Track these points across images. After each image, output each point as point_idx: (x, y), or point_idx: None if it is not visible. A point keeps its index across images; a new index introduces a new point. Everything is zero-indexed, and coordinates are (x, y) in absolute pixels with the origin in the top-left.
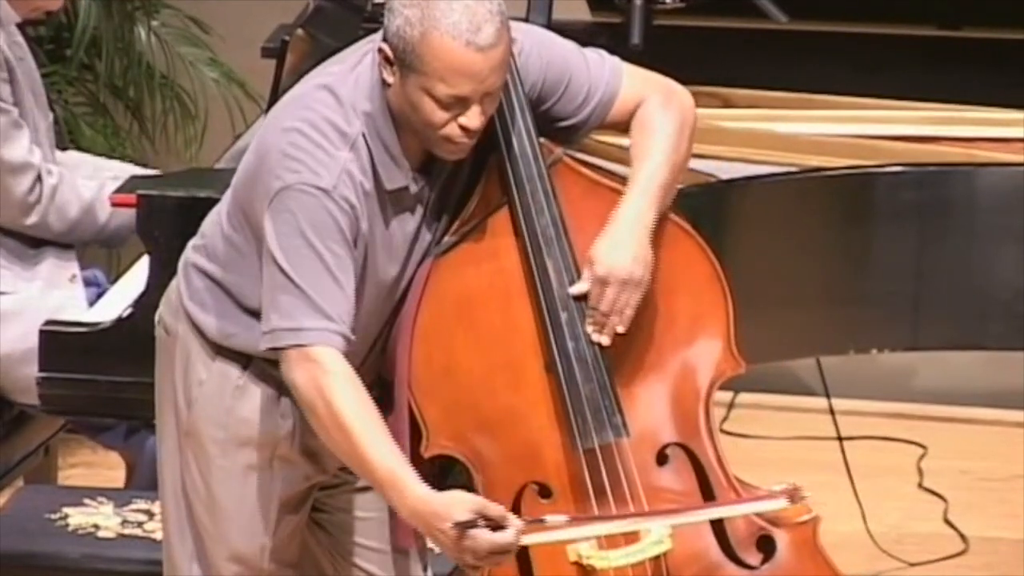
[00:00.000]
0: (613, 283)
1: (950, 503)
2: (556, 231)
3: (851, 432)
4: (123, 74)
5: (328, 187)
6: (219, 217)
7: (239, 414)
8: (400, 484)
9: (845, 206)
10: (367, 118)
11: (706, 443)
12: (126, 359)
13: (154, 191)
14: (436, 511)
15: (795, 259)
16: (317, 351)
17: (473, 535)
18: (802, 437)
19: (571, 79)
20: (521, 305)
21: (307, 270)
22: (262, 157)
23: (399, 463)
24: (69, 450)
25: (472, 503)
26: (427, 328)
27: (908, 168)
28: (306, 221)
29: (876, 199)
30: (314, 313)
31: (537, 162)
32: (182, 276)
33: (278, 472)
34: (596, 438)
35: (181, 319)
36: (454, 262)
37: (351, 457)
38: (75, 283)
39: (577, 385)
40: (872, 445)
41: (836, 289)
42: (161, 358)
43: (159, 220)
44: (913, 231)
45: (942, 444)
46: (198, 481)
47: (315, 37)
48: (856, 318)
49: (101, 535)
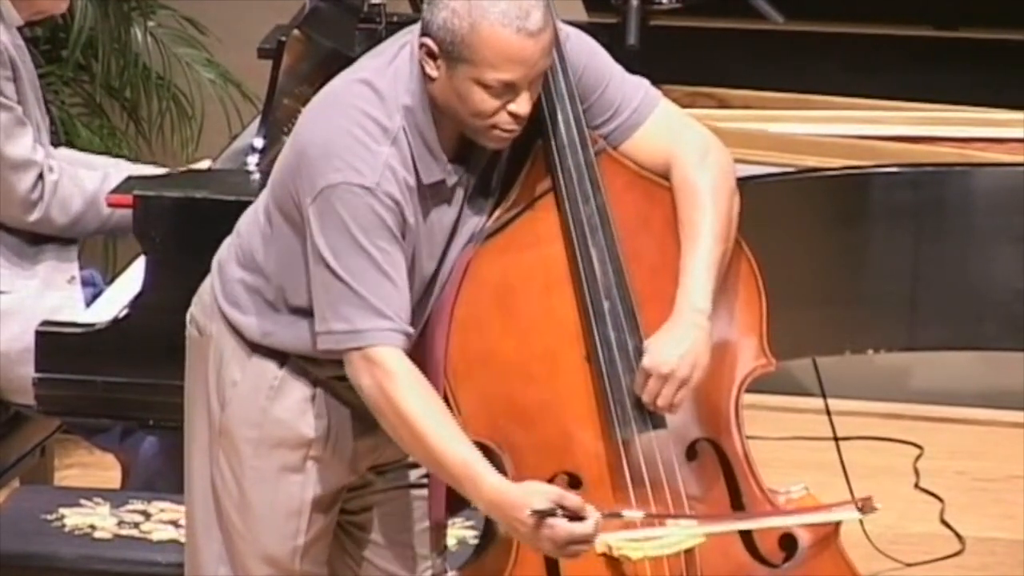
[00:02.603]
0: (656, 377)
1: (947, 503)
2: (601, 220)
3: (847, 432)
4: (119, 75)
5: (371, 185)
6: (255, 215)
7: (274, 414)
8: (475, 476)
9: (841, 206)
10: (407, 112)
11: (736, 440)
12: (122, 360)
13: (150, 191)
14: (513, 501)
15: (791, 259)
16: (377, 352)
17: (551, 524)
18: (798, 437)
19: (608, 87)
20: (562, 294)
21: (358, 270)
22: (301, 154)
23: (472, 456)
24: (65, 451)
25: (549, 492)
26: (465, 315)
27: (904, 168)
28: (352, 220)
29: (872, 199)
30: (370, 313)
31: (585, 150)
32: (216, 275)
33: (311, 473)
34: (635, 428)
35: (215, 319)
36: (495, 249)
37: (424, 456)
38: (73, 284)
39: (619, 375)
40: (868, 445)
41: (832, 289)
42: (193, 358)
43: (156, 221)
44: (909, 231)
45: (938, 444)
46: (230, 482)
47: (311, 38)
48: (852, 318)
49: (97, 536)
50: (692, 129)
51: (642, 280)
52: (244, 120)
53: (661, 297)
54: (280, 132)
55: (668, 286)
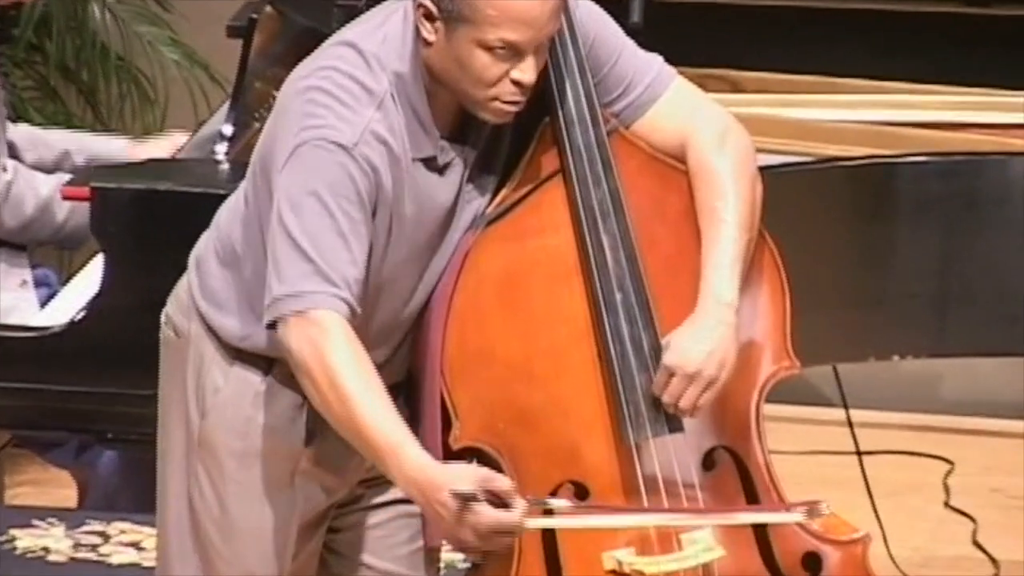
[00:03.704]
0: (679, 376)
1: (979, 524)
2: (613, 204)
3: (871, 446)
4: (75, 55)
5: (348, 144)
6: (236, 205)
7: (260, 424)
8: (399, 450)
9: (865, 199)
10: (396, 78)
11: (756, 449)
12: (78, 367)
13: (109, 183)
14: (435, 481)
15: (810, 258)
16: (318, 314)
17: (475, 510)
18: (818, 452)
19: (619, 60)
20: (569, 285)
21: (315, 230)
22: (277, 119)
23: (399, 428)
24: (17, 467)
25: (476, 474)
26: (463, 307)
27: (934, 158)
28: (320, 178)
29: (899, 191)
30: (317, 277)
31: (596, 128)
32: (194, 271)
33: (299, 488)
34: (650, 431)
35: (193, 318)
36: (497, 236)
37: (347, 423)
38: (25, 289)
39: (632, 373)
40: (894, 461)
41: (854, 290)
42: (169, 362)
43: (114, 215)
44: (939, 226)
45: (970, 459)
46: (210, 498)
47: (285, 15)
48: (876, 322)
49: (51, 559)
50: (709, 108)
51: (656, 272)
52: (212, 105)
53: (676, 291)
54: (251, 118)
55: (684, 279)
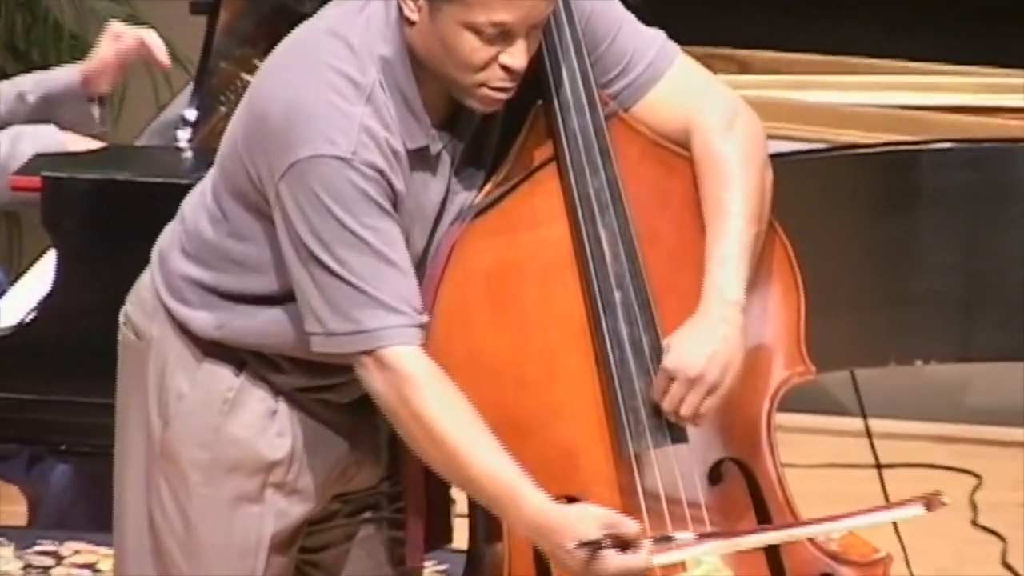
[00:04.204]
0: (680, 380)
1: (1009, 543)
2: (612, 195)
3: (891, 459)
4: (25, 34)
5: (347, 155)
6: (202, 196)
7: (228, 432)
8: (515, 496)
9: (884, 190)
10: (383, 64)
11: (768, 461)
12: (29, 373)
13: (62, 172)
14: (559, 527)
15: (824, 254)
16: (391, 354)
17: (602, 557)
18: (834, 465)
19: (618, 36)
20: (563, 282)
21: (352, 259)
22: (260, 122)
23: (510, 471)
24: None
25: (601, 519)
26: (448, 306)
27: (959, 145)
28: (332, 200)
29: (921, 182)
30: (376, 309)
31: (593, 112)
32: (157, 267)
33: (272, 503)
34: (651, 441)
35: (157, 318)
36: (485, 229)
37: (455, 473)
38: None
39: (631, 378)
40: (916, 475)
41: (873, 289)
42: (128, 366)
43: (68, 207)
44: (965, 220)
45: (999, 473)
46: (173, 514)
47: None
48: (897, 323)
49: None
50: (716, 89)
51: (658, 268)
52: (174, 88)
53: (680, 289)
54: (216, 102)
55: (688, 276)
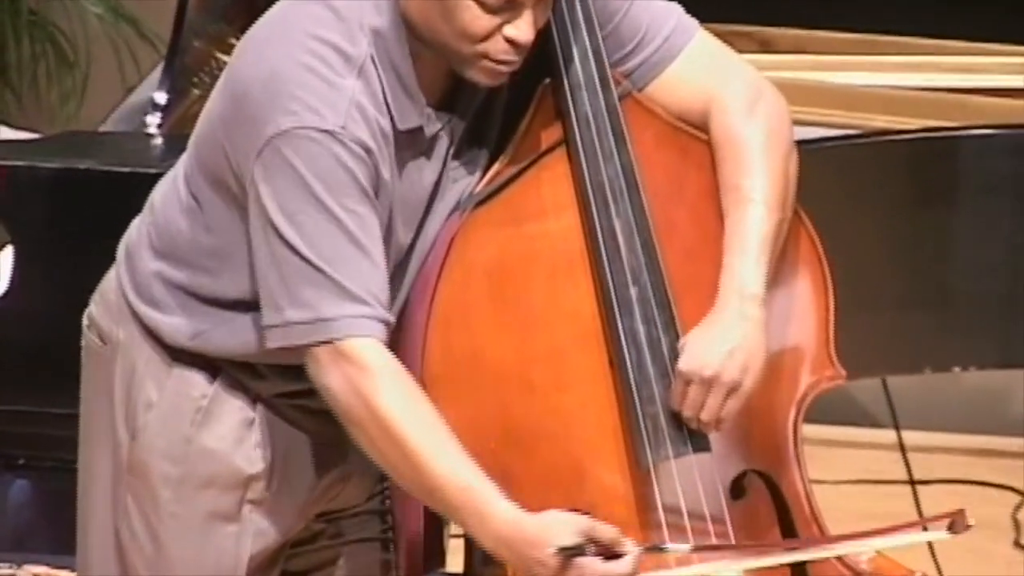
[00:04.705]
0: (697, 383)
1: None
2: (627, 182)
3: (926, 475)
4: None
5: (335, 128)
6: (174, 186)
7: (202, 445)
8: (480, 504)
9: (919, 180)
10: (375, 36)
11: (793, 473)
12: None
13: (20, 160)
14: (531, 537)
15: (854, 249)
16: (351, 345)
17: (580, 565)
18: (863, 481)
19: (631, 9)
20: (574, 278)
21: (321, 239)
22: (240, 99)
23: (476, 478)
24: None
25: (577, 524)
26: (448, 304)
27: (1002, 131)
28: (311, 174)
29: (961, 171)
30: (339, 297)
31: (607, 91)
32: (124, 265)
33: (249, 522)
34: (671, 451)
35: (124, 321)
36: (488, 220)
37: (411, 478)
38: None
39: (649, 381)
40: (954, 491)
41: (907, 289)
42: (92, 373)
43: (26, 199)
44: (1008, 212)
45: None
46: (142, 534)
47: None
48: (933, 326)
49: None
50: (737, 67)
51: (676, 262)
52: (142, 68)
53: (700, 284)
54: (189, 84)
55: (708, 271)
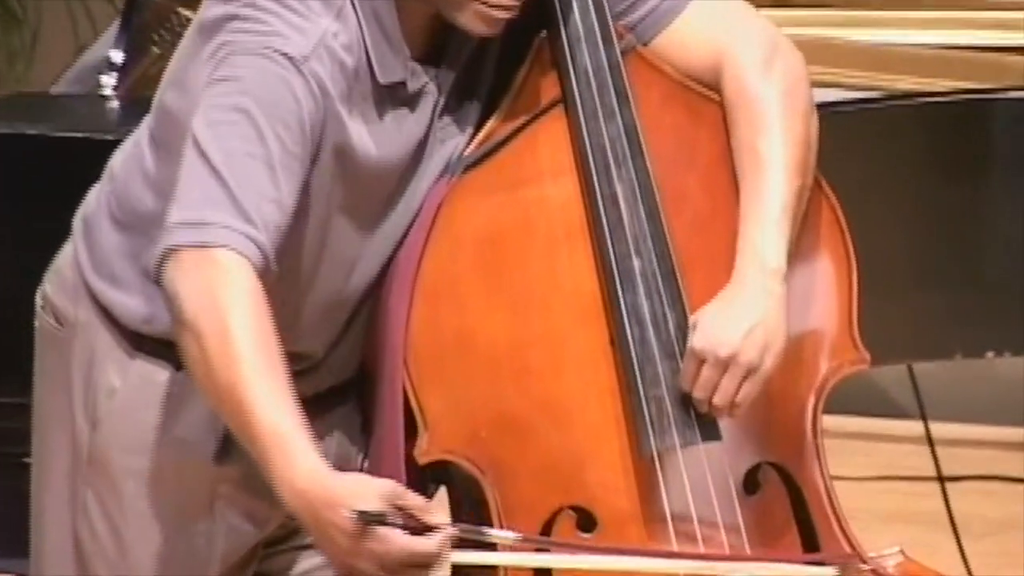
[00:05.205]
0: (711, 362)
1: None
2: (630, 145)
3: (956, 471)
4: None
5: (296, 55)
6: (136, 149)
7: (169, 435)
8: (289, 447)
9: (950, 148)
10: None
11: (812, 466)
12: None
13: None
14: (329, 496)
15: (877, 225)
16: (225, 255)
17: (382, 535)
18: (888, 477)
19: None
20: (572, 249)
21: (236, 152)
22: (207, 34)
23: (294, 426)
24: None
25: (384, 489)
26: (434, 279)
27: None
28: (255, 92)
29: (997, 137)
30: (230, 207)
31: (608, 47)
32: (81, 239)
33: (221, 518)
34: (677, 439)
35: (82, 301)
36: (477, 186)
37: (228, 401)
38: None
39: (654, 361)
40: (986, 489)
41: (936, 267)
42: (47, 359)
43: None
44: None
45: None
46: (103, 533)
47: None
48: (964, 309)
49: None
50: (751, 20)
51: (684, 232)
52: (98, 28)
53: (709, 257)
54: (148, 41)
55: (719, 242)
